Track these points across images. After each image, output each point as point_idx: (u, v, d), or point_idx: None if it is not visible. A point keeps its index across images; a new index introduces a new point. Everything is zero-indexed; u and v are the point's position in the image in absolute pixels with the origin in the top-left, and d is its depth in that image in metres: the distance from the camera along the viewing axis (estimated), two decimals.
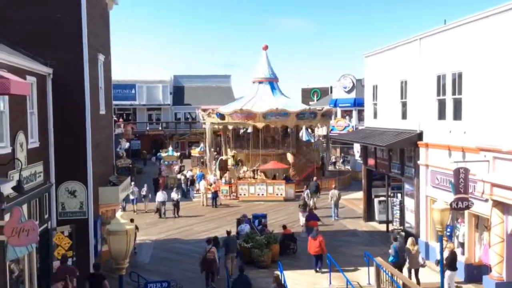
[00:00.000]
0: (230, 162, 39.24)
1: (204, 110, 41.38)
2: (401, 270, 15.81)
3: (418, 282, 15.90)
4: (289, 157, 38.96)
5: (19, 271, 12.55)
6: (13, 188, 10.47)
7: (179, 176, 38.53)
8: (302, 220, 24.33)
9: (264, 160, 36.81)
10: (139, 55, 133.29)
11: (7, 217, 10.70)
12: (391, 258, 16.52)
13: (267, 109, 35.74)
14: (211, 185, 33.42)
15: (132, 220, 18.62)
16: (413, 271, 16.43)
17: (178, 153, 48.08)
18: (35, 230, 10.20)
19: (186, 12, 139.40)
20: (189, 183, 35.91)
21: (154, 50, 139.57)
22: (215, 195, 31.53)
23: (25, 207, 12.62)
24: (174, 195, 28.41)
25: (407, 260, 16.30)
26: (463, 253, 17.15)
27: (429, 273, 17.35)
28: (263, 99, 37.96)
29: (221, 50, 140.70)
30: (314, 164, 37.66)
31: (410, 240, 16.71)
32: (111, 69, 21.23)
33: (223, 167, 38.60)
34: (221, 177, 36.13)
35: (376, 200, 25.67)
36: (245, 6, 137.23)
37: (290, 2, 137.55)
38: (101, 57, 18.55)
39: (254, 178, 35.54)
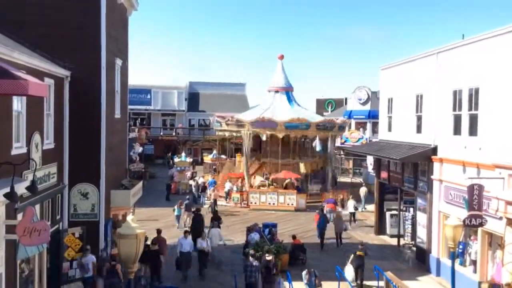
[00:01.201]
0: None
1: (222, 117, 41.09)
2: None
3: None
4: (302, 167, 38.89)
5: (29, 270, 12.64)
6: (27, 188, 10.57)
7: (190, 182, 38.57)
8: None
9: (279, 169, 36.72)
10: (156, 61, 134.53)
11: (19, 216, 10.80)
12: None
13: (288, 118, 35.65)
14: (227, 193, 33.19)
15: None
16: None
17: (191, 159, 48.20)
18: (47, 230, 10.28)
19: (201, 19, 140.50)
20: (200, 189, 35.93)
21: (171, 56, 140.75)
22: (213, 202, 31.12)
23: (37, 207, 12.73)
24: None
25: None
26: (475, 271, 16.89)
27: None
28: (280, 109, 37.91)
29: (236, 58, 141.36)
30: (329, 174, 37.49)
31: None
32: (127, 73, 21.44)
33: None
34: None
35: (388, 214, 25.46)
36: (260, 18, 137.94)
37: (309, 14, 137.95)
38: (119, 62, 18.74)
39: (266, 186, 35.33)
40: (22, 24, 15.02)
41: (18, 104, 11.69)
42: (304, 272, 16.95)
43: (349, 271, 17.89)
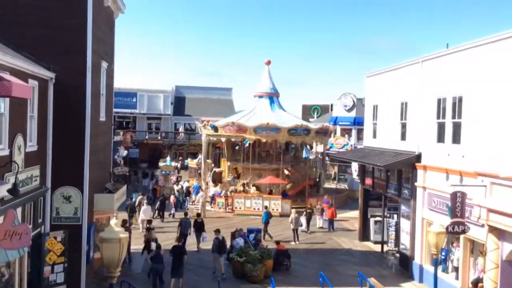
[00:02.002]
0: (226, 174, 39.26)
1: (201, 122, 41.53)
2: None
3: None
4: (286, 173, 38.96)
5: (9, 274, 12.43)
6: (8, 191, 10.41)
7: (175, 186, 38.41)
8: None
9: (258, 174, 36.81)
10: (142, 64, 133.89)
11: (0, 219, 10.63)
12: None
13: (258, 123, 35.75)
14: (212, 197, 33.16)
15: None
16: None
17: (176, 164, 47.98)
18: (28, 234, 10.14)
19: (191, 22, 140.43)
20: (185, 194, 35.74)
21: (158, 59, 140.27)
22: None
23: (19, 210, 12.54)
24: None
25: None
26: (457, 278, 17.05)
27: None
28: (260, 113, 38.00)
29: (223, 62, 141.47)
30: (306, 181, 37.55)
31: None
32: (113, 76, 21.29)
33: (217, 179, 38.58)
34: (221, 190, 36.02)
35: (372, 220, 25.59)
36: (248, 23, 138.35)
37: (294, 22, 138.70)
38: (105, 64, 18.61)
39: (244, 191, 35.38)
40: (7, 25, 14.82)
41: (1, 106, 11.53)
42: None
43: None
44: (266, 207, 30.43)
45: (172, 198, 33.21)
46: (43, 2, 15.32)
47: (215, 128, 37.06)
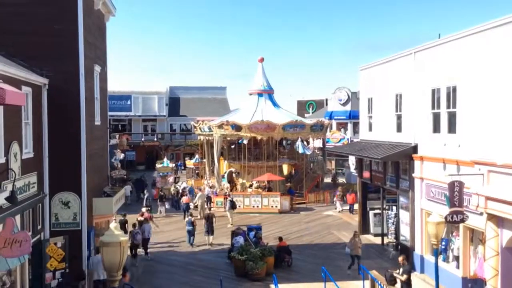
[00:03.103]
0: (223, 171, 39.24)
1: (197, 122, 41.44)
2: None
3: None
4: (285, 169, 38.99)
5: (10, 282, 12.41)
6: (6, 199, 10.39)
7: (172, 188, 38.31)
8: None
9: (257, 172, 36.78)
10: (135, 66, 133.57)
11: None
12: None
13: (252, 121, 35.67)
14: (209, 198, 33.07)
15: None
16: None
17: (173, 165, 47.90)
18: (28, 241, 10.12)
19: (182, 23, 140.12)
20: (179, 195, 34.93)
21: (151, 61, 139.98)
22: (186, 207, 30.88)
23: (18, 218, 12.51)
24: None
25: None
26: (458, 267, 17.11)
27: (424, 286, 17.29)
28: (258, 111, 38.01)
29: (217, 61, 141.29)
30: (320, 175, 37.66)
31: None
32: (107, 80, 21.24)
33: (231, 180, 38.13)
34: (231, 190, 35.69)
35: (371, 213, 25.66)
36: (241, 21, 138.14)
37: (286, 15, 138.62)
38: (97, 68, 18.56)
39: (249, 188, 35.37)
40: None
41: None
42: None
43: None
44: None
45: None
46: (32, 8, 15.27)
47: (237, 127, 36.07)
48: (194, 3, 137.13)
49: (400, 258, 16.22)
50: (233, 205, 29.84)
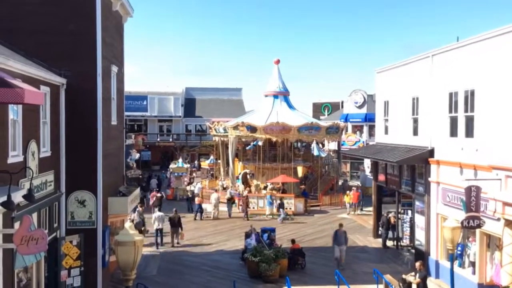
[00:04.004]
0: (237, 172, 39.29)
1: (212, 123, 41.65)
2: None
3: None
4: (299, 171, 38.89)
5: (27, 279, 12.57)
6: (23, 197, 10.51)
7: (188, 188, 38.42)
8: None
9: (272, 173, 36.76)
10: (152, 67, 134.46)
11: (17, 225, 10.74)
12: None
13: (267, 122, 35.62)
14: (231, 198, 32.85)
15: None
16: None
17: (188, 165, 48.10)
18: (44, 239, 10.22)
19: (199, 25, 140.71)
20: (191, 196, 34.59)
21: (167, 62, 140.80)
22: (199, 208, 30.93)
23: (35, 215, 12.67)
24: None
25: None
26: (474, 273, 16.89)
27: None
28: (274, 113, 38.00)
29: (233, 63, 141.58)
30: (334, 177, 37.63)
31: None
32: (123, 80, 21.42)
33: (245, 181, 38.11)
34: (249, 191, 35.70)
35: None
36: (255, 22, 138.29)
37: (304, 16, 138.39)
38: (115, 69, 18.73)
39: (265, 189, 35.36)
40: (17, 32, 14.99)
41: (14, 113, 11.66)
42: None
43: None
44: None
45: None
46: (51, 8, 15.45)
47: (253, 129, 36.18)
48: (210, 4, 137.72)
49: (417, 264, 16.06)
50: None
